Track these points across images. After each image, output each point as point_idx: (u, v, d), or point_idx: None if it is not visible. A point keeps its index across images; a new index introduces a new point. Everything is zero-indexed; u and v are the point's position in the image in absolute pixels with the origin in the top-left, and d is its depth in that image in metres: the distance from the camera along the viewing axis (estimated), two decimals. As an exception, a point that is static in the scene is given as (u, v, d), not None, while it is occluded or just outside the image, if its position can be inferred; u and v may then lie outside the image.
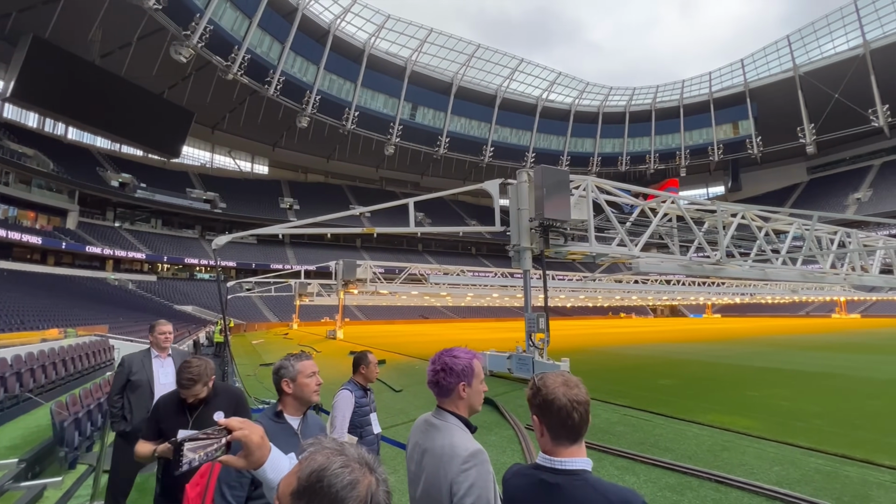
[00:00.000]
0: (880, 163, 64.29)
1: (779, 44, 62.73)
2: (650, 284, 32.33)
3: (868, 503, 3.40)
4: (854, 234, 15.22)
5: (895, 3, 53.28)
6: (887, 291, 35.13)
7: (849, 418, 5.83)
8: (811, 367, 10.93)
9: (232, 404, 2.43)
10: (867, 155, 66.03)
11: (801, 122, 63.01)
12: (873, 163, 65.15)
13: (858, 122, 59.63)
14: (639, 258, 10.85)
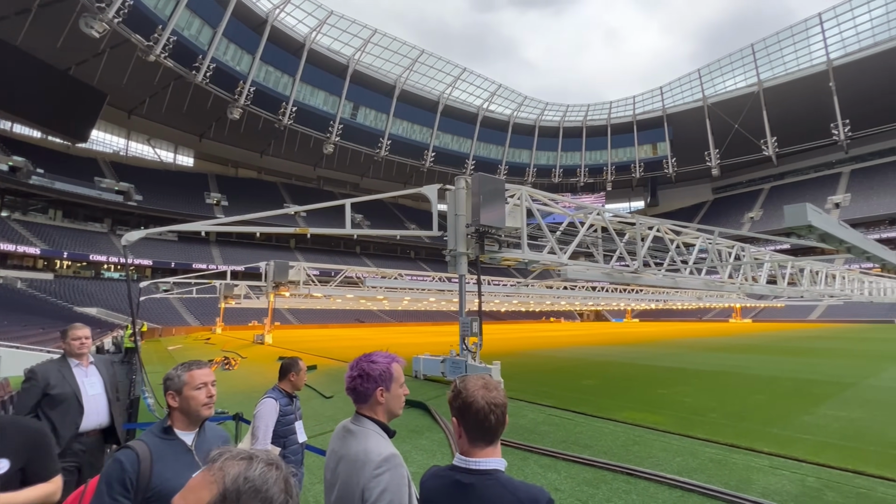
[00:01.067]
0: (769, 187, 73.69)
1: (691, 76, 69.77)
2: (577, 290, 34.31)
3: (750, 485, 3.86)
4: (747, 249, 17.25)
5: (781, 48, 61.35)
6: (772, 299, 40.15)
7: (738, 411, 6.60)
8: (710, 366, 12.21)
9: (24, 447, 1.80)
10: (759, 179, 75.49)
11: (708, 147, 70.49)
12: (764, 187, 74.55)
13: (753, 150, 67.95)
14: (567, 265, 11.49)
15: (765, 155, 67.34)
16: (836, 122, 60.72)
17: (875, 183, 61.02)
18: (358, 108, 59.71)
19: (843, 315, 49.68)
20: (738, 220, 67.07)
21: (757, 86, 64.26)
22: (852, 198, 61.06)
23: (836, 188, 64.59)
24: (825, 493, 3.66)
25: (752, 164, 72.39)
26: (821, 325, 44.59)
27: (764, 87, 63.39)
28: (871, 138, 62.26)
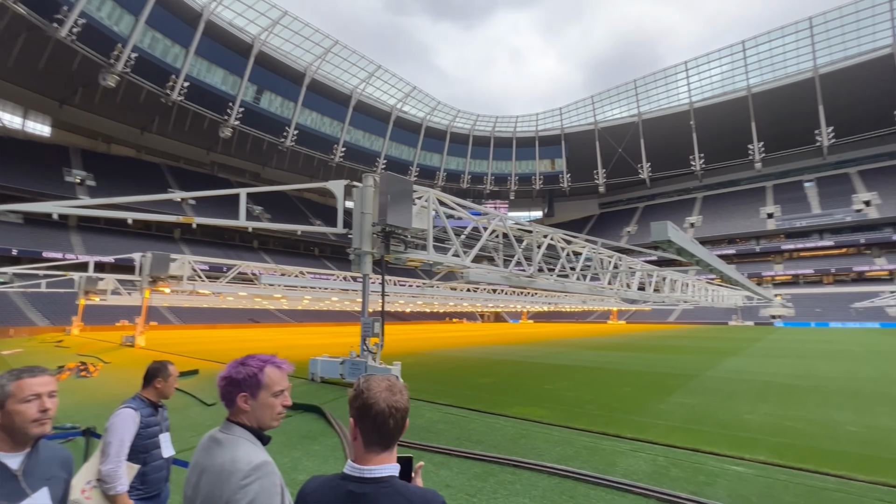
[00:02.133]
0: (643, 206, 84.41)
1: (586, 101, 77.28)
2: (479, 293, 35.82)
3: (614, 467, 4.36)
4: (624, 259, 19.58)
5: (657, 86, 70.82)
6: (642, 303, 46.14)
7: (609, 403, 7.43)
8: (589, 363, 13.58)
9: None
10: (636, 199, 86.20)
11: (597, 167, 78.68)
12: (639, 205, 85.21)
13: (632, 173, 77.39)
14: (470, 268, 11.94)
15: (641, 178, 77.15)
16: (693, 155, 71.90)
17: (720, 208, 73.44)
18: (262, 92, 55.55)
19: (693, 317, 58.82)
20: (618, 234, 75.66)
21: (637, 117, 73.38)
22: (703, 219, 72.71)
23: (693, 210, 76.38)
24: (671, 469, 4.28)
25: (631, 185, 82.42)
26: (677, 326, 52.28)
27: (642, 119, 72.63)
28: (720, 171, 74.86)
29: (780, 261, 64.19)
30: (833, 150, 64.69)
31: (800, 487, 3.82)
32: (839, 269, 58.59)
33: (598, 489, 3.85)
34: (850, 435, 5.52)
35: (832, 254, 60.60)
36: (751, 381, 9.79)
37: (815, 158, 67.61)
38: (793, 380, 10.02)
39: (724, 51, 63.67)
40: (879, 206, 57.63)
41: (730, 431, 5.62)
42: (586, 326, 51.97)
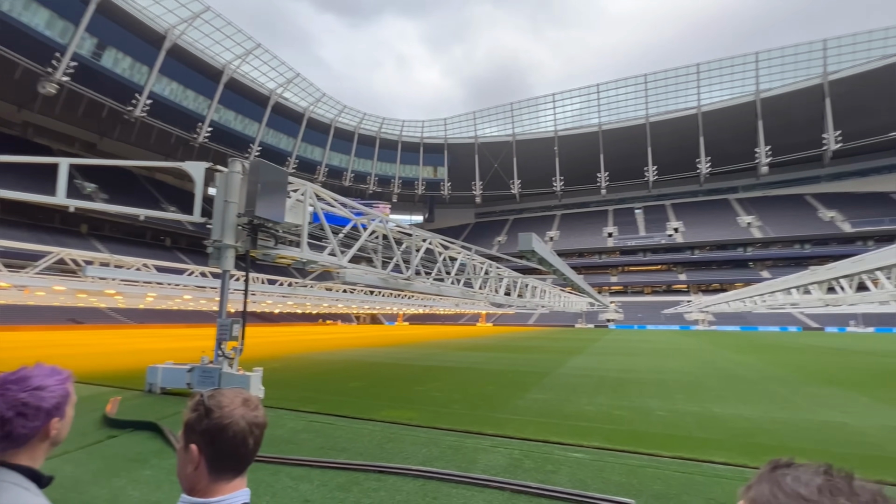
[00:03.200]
0: (513, 218, 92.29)
1: (468, 116, 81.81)
2: (356, 294, 35.02)
3: (475, 464, 4.57)
4: (494, 266, 21.09)
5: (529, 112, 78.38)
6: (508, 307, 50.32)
7: (474, 401, 7.84)
8: (459, 363, 14.23)
9: None
10: (508, 211, 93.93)
11: (475, 178, 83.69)
12: (510, 218, 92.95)
13: (505, 187, 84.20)
14: (346, 268, 11.54)
15: (512, 193, 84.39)
16: (555, 178, 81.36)
17: (573, 225, 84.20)
18: (105, 47, 46.35)
19: (548, 320, 66.09)
20: (490, 242, 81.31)
21: (512, 137, 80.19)
22: (561, 234, 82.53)
23: (553, 226, 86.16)
24: (524, 461, 4.66)
25: (504, 199, 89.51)
26: (535, 328, 58.17)
27: (516, 139, 79.68)
28: (575, 194, 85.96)
29: (615, 273, 76.17)
30: (655, 185, 79.45)
31: (623, 467, 4.49)
32: (656, 281, 72.04)
33: (459, 487, 3.99)
34: (659, 418, 6.71)
35: (651, 269, 74.18)
36: (590, 377, 11.32)
37: (643, 190, 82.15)
38: (620, 374, 11.88)
39: (584, 90, 73.57)
40: (684, 232, 72.39)
41: (572, 422, 6.37)
42: (458, 328, 54.52)
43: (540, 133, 79.26)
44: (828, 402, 7.99)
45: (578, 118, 77.21)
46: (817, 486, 0.56)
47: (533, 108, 77.67)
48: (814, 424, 6.38)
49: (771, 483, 0.59)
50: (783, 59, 62.40)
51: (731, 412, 7.13)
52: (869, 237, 57.44)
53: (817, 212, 66.68)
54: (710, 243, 69.57)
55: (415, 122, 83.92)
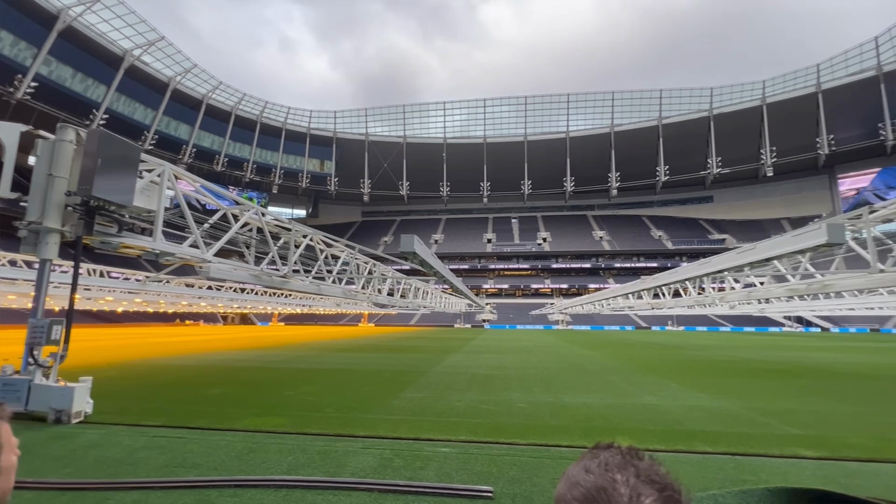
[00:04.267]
0: (400, 219, 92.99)
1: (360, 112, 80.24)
2: (224, 291, 31.65)
3: (344, 468, 4.49)
4: (378, 266, 20.97)
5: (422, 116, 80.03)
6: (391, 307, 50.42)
7: (349, 404, 7.69)
8: (336, 365, 13.81)
9: None
10: (395, 212, 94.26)
11: (364, 176, 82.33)
12: (397, 219, 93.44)
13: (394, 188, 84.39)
14: (211, 263, 10.36)
15: (401, 194, 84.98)
16: (442, 183, 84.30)
17: (458, 230, 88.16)
18: None
19: (429, 321, 67.96)
20: (376, 242, 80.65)
21: (403, 138, 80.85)
22: (445, 237, 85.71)
23: (438, 229, 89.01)
24: (394, 460, 4.72)
25: (392, 199, 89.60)
26: (416, 328, 59.30)
27: (407, 141, 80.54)
28: (460, 200, 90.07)
29: (492, 277, 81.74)
30: (530, 198, 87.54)
31: (486, 457, 4.84)
32: (526, 285, 79.23)
33: (325, 493, 3.87)
34: (520, 410, 7.39)
35: (523, 274, 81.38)
36: (463, 374, 11.95)
37: (519, 202, 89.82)
38: (490, 370, 12.78)
39: (472, 102, 77.74)
40: (551, 242, 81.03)
41: (443, 418, 6.66)
42: (338, 329, 52.86)
43: (430, 138, 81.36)
44: (648, 389, 9.67)
45: (466, 128, 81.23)
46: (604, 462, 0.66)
47: (424, 112, 79.40)
48: (637, 407, 7.67)
49: (581, 461, 0.69)
50: (632, 101, 74.12)
51: (577, 401, 8.18)
52: (684, 254, 71.19)
53: (650, 231, 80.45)
54: (571, 253, 79.07)
55: (301, 111, 79.23)
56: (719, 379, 11.37)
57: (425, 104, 78.71)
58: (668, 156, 74.87)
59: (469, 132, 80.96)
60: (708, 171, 75.17)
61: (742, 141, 70.73)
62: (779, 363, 15.46)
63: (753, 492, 3.21)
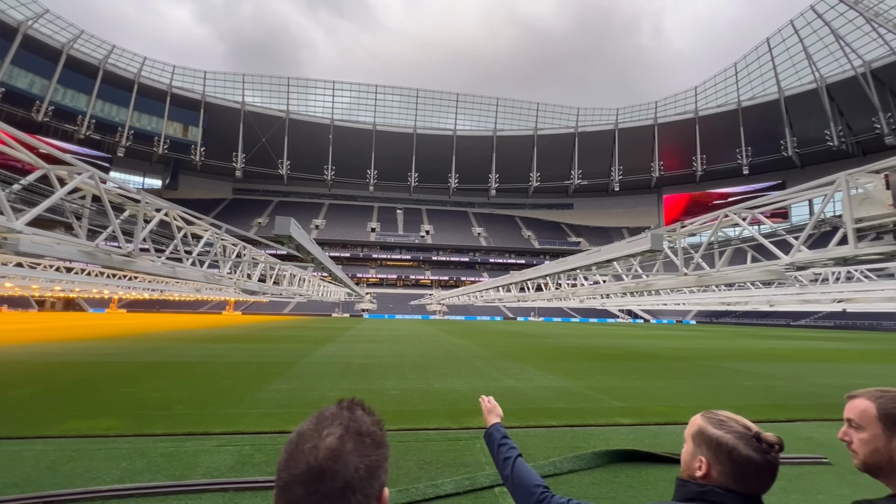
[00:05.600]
0: (278, 200, 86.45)
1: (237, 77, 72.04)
2: (42, 270, 25.73)
3: (195, 469, 4.07)
4: (249, 249, 19.21)
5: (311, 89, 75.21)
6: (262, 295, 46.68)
7: (204, 399, 6.96)
8: (192, 357, 12.35)
9: None
10: (273, 192, 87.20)
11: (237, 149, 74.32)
12: (274, 199, 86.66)
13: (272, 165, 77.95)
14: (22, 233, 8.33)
15: (280, 173, 78.85)
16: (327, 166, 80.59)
17: (341, 216, 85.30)
18: None
19: (305, 309, 64.75)
20: (249, 223, 73.77)
21: (286, 113, 74.96)
22: (327, 223, 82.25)
23: (320, 214, 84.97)
24: (255, 456, 4.44)
25: (270, 177, 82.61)
26: (290, 317, 55.98)
27: (290, 117, 74.89)
28: (345, 185, 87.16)
29: (374, 266, 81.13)
30: (416, 191, 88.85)
31: (353, 445, 4.84)
32: (407, 276, 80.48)
33: (168, 499, 3.47)
34: (392, 397, 7.54)
35: (405, 265, 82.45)
36: (338, 364, 11.70)
37: (405, 193, 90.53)
38: (366, 360, 12.74)
39: (363, 87, 75.56)
40: (433, 235, 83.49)
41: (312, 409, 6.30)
42: (198, 318, 47.19)
43: (316, 117, 76.84)
44: (510, 373, 10.67)
45: (353, 112, 78.63)
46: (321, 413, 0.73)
47: (311, 89, 74.60)
48: (499, 390, 8.42)
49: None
50: (513, 109, 79.99)
51: (447, 386, 8.65)
52: (548, 253, 79.70)
53: (521, 231, 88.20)
54: (451, 247, 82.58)
55: (161, 64, 67.95)
56: (567, 362, 13.08)
57: (312, 80, 73.87)
58: (540, 164, 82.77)
59: (356, 117, 78.59)
60: (571, 181, 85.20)
61: (598, 158, 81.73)
62: (612, 348, 18.41)
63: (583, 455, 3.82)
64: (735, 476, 1.02)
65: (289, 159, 77.50)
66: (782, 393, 8.45)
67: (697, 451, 1.09)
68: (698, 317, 66.98)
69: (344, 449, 0.65)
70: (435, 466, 4.27)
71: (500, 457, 1.39)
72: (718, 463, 1.04)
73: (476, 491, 3.77)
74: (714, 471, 1.04)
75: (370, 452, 0.68)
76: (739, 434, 1.04)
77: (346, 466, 0.64)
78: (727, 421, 1.08)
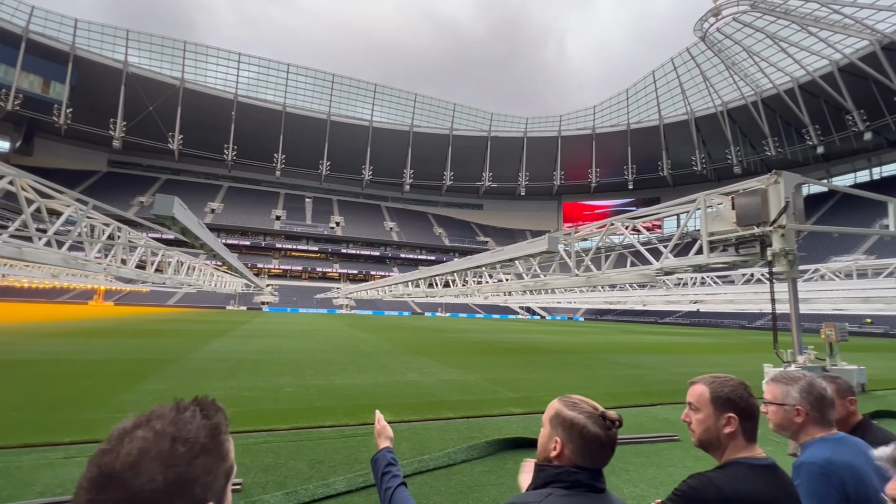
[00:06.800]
0: (167, 178, 77.05)
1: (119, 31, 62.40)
2: None
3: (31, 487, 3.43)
4: (125, 230, 16.77)
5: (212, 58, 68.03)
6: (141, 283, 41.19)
7: (52, 403, 5.91)
8: (41, 355, 10.46)
9: None
10: (160, 168, 77.36)
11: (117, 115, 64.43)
12: (162, 176, 77.08)
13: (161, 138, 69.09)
14: None
15: (171, 148, 70.15)
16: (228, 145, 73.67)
17: (242, 201, 78.62)
18: None
19: (194, 301, 58.66)
20: (128, 201, 64.72)
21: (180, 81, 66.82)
22: (225, 207, 75.21)
23: (217, 197, 77.39)
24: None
25: (157, 151, 73.08)
26: (175, 310, 50.26)
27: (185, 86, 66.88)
28: (248, 168, 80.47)
29: (277, 256, 76.25)
30: (327, 179, 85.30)
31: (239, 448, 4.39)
32: (314, 268, 77.03)
33: (-11, 523, 2.88)
34: (287, 394, 7.14)
35: (312, 256, 78.80)
36: (228, 360, 10.76)
37: (315, 181, 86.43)
38: (261, 356, 11.91)
39: (273, 63, 70.30)
40: (344, 227, 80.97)
41: (194, 410, 5.83)
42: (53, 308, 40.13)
43: (217, 90, 69.61)
44: (413, 367, 10.75)
45: (262, 90, 72.83)
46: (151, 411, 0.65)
47: (212, 58, 67.33)
48: (401, 384, 8.43)
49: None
50: (431, 106, 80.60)
51: (348, 382, 8.44)
52: (458, 250, 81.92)
53: (433, 228, 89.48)
54: (362, 240, 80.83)
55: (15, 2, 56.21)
56: (469, 357, 13.58)
57: (213, 49, 66.61)
58: (454, 163, 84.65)
59: (266, 95, 72.83)
60: (482, 182, 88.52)
61: (508, 162, 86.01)
62: (511, 343, 19.54)
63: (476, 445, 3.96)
64: (583, 452, 1.13)
65: (182, 133, 69.08)
66: (647, 381, 9.69)
67: (553, 433, 1.18)
68: (587, 314, 74.07)
69: (146, 455, 0.57)
70: (328, 465, 4.13)
71: (382, 486, 1.37)
72: (570, 441, 1.14)
73: (370, 487, 3.72)
74: (567, 449, 1.15)
75: (180, 462, 0.58)
76: (588, 414, 1.16)
77: (138, 476, 0.55)
78: (579, 403, 1.19)
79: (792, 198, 7.74)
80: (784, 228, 7.72)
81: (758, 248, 8.28)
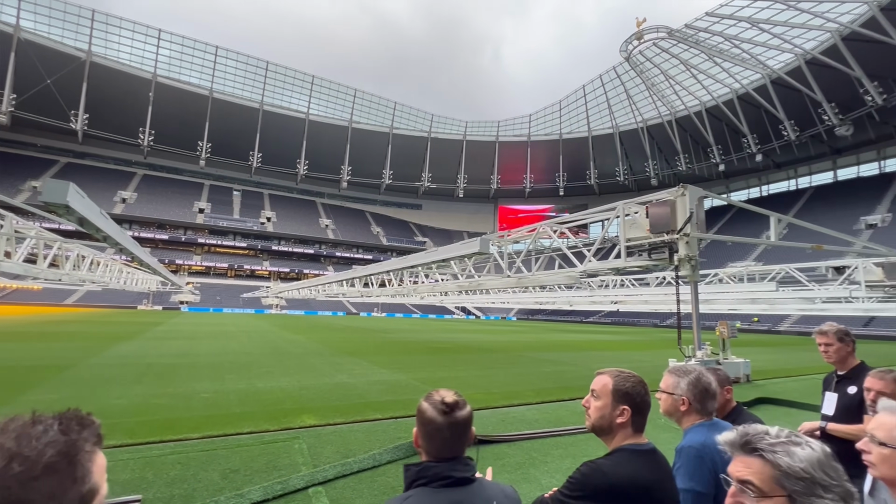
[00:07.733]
0: (68, 161, 68.55)
1: (9, -10, 54.34)
2: None
3: None
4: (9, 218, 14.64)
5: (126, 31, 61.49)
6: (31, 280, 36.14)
7: None
8: None
9: None
10: (59, 150, 68.50)
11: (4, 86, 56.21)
12: (62, 159, 68.42)
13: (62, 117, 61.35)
14: None
15: (73, 127, 62.51)
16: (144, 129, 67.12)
17: (159, 191, 71.92)
18: None
19: (99, 300, 52.71)
20: (18, 185, 56.80)
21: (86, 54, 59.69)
22: (139, 197, 68.35)
23: (129, 185, 70.12)
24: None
25: (57, 131, 64.64)
26: (75, 309, 44.80)
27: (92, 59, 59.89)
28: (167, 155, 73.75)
29: (200, 252, 70.71)
30: (257, 172, 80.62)
31: (140, 461, 4.08)
32: (241, 265, 72.43)
33: None
34: (203, 400, 6.64)
35: (239, 253, 74.03)
36: (135, 365, 9.80)
37: (245, 174, 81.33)
38: (175, 359, 10.97)
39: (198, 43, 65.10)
40: (275, 223, 77.00)
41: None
42: None
43: (131, 67, 63.04)
44: (343, 368, 10.50)
45: (186, 72, 67.14)
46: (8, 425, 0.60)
47: (126, 31, 60.83)
48: (329, 386, 8.19)
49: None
50: (370, 103, 79.21)
51: (272, 385, 8.04)
52: (396, 250, 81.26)
53: (371, 226, 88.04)
54: (296, 237, 77.41)
55: None
56: (402, 356, 13.53)
57: (129, 21, 60.13)
58: (394, 162, 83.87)
59: (190, 78, 67.12)
60: (421, 183, 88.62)
61: (447, 164, 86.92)
62: (445, 342, 19.76)
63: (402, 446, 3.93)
64: (432, 441, 1.20)
65: (87, 112, 61.60)
66: (569, 376, 10.28)
67: (416, 428, 1.25)
68: (519, 314, 76.91)
69: None
70: (243, 474, 3.91)
71: None
72: (423, 433, 1.20)
73: (288, 495, 3.58)
74: (422, 441, 1.20)
75: (13, 484, 0.53)
76: (435, 403, 1.21)
77: None
78: (434, 395, 1.25)
79: (695, 209, 8.63)
80: (689, 236, 8.58)
81: (667, 253, 9.13)
